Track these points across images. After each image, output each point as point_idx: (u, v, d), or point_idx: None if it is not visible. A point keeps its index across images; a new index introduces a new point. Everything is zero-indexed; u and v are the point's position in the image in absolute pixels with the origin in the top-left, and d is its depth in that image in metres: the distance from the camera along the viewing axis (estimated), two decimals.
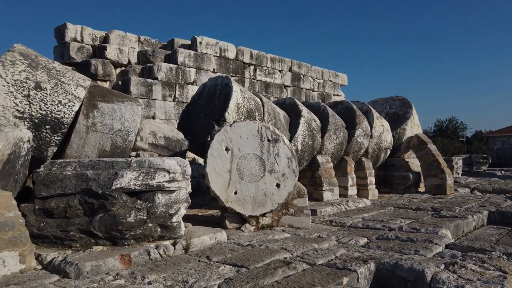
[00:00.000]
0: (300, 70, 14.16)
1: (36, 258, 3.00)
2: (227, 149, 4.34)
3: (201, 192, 6.76)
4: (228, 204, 4.28)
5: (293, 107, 6.56)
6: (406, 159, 8.42)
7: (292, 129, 6.23)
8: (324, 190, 6.40)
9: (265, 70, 12.82)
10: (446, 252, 3.52)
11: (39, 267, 2.94)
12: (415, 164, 8.36)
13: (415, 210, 5.87)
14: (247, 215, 4.34)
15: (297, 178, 4.52)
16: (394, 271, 2.99)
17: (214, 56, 11.23)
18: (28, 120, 3.57)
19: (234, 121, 4.56)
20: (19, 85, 3.56)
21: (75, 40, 9.88)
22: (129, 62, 10.35)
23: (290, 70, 13.79)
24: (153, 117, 9.51)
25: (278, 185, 4.41)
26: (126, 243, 3.26)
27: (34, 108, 3.61)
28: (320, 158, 6.58)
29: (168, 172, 3.47)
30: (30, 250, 2.93)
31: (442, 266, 3.00)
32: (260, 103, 5.89)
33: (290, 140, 5.99)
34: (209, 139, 4.56)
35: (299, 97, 13.76)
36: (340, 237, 4.10)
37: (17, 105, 3.52)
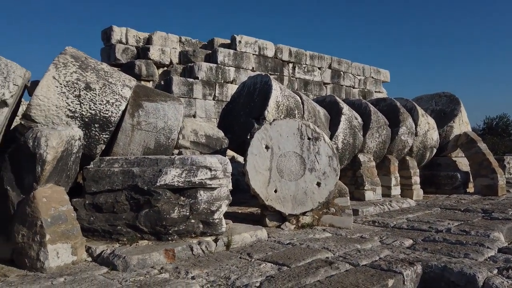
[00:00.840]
0: (340, 67, 13.90)
1: (87, 251, 3.15)
2: (267, 147, 4.34)
3: (240, 190, 6.82)
4: (268, 202, 4.29)
5: (333, 105, 6.45)
6: (454, 158, 8.03)
7: (333, 127, 6.13)
8: (366, 190, 6.25)
9: (304, 67, 12.71)
10: (499, 256, 3.32)
11: (89, 259, 3.08)
12: (463, 163, 7.96)
13: (464, 212, 5.58)
14: (287, 214, 4.32)
15: (338, 177, 4.44)
16: (442, 275, 2.86)
17: (253, 54, 11.28)
18: (79, 119, 3.75)
19: (274, 119, 4.55)
20: (71, 86, 3.74)
21: (120, 42, 10.28)
22: (171, 62, 10.63)
23: (329, 67, 13.58)
24: (194, 116, 9.72)
25: (318, 184, 4.35)
26: (170, 238, 3.35)
27: (84, 107, 3.78)
28: (361, 157, 6.42)
29: (210, 169, 3.53)
30: (81, 243, 3.08)
31: (495, 271, 2.83)
32: (300, 101, 5.84)
33: (331, 138, 5.89)
34: (249, 137, 4.58)
35: (339, 94, 13.52)
36: (384, 238, 3.98)
37: (69, 105, 3.71)
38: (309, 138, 4.40)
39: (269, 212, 4.37)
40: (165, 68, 10.59)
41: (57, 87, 3.68)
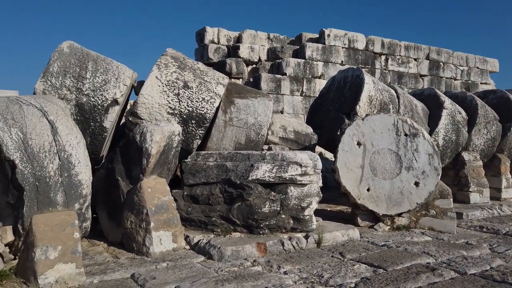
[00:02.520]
0: (440, 57, 12.78)
1: (185, 239, 3.36)
2: (359, 144, 4.17)
3: (328, 187, 6.65)
4: (360, 201, 4.12)
5: (433, 98, 5.94)
6: None
7: (432, 122, 5.65)
8: (471, 192, 5.65)
9: (398, 59, 11.95)
10: None
11: (187, 247, 3.28)
12: None
13: None
14: (381, 214, 4.10)
15: (439, 177, 4.08)
16: None
17: (342, 48, 10.95)
18: (178, 115, 4.00)
19: (366, 115, 4.34)
20: (171, 85, 4.01)
21: (212, 42, 10.78)
22: (259, 59, 10.83)
23: (427, 57, 12.57)
24: (281, 112, 9.78)
25: (416, 184, 4.05)
26: (261, 232, 3.41)
27: (183, 105, 4.02)
28: (466, 155, 5.82)
29: (300, 165, 3.50)
30: (180, 231, 3.29)
31: None
32: (395, 94, 5.49)
33: (430, 135, 5.44)
34: (339, 133, 4.44)
35: (438, 87, 12.44)
36: (494, 245, 3.55)
37: (169, 103, 3.97)
38: (406, 135, 4.12)
39: (361, 211, 4.20)
40: (254, 65, 10.83)
41: (159, 86, 3.97)
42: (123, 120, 4.92)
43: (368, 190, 4.11)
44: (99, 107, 3.66)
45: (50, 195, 2.63)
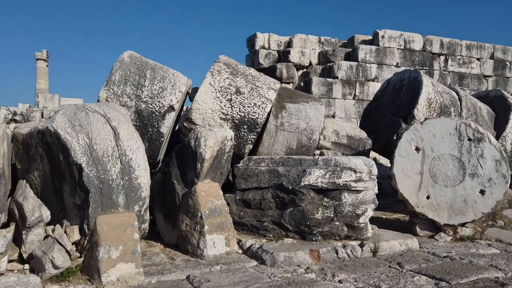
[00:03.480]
0: (506, 56, 11.87)
1: (237, 243, 3.39)
2: (417, 149, 3.97)
3: (382, 193, 6.42)
4: (418, 209, 3.91)
5: (499, 100, 5.52)
6: None
7: (499, 126, 5.25)
8: None
9: (459, 59, 11.27)
10: None
11: (240, 251, 3.30)
12: None
13: None
14: (442, 223, 3.87)
15: (508, 185, 3.77)
16: None
17: (397, 49, 10.55)
18: (230, 121, 4.07)
19: (425, 118, 4.13)
20: (224, 91, 4.09)
21: (263, 47, 10.87)
22: (310, 63, 10.74)
23: (491, 57, 11.74)
24: (333, 116, 9.60)
25: (482, 192, 3.77)
26: (313, 239, 3.35)
27: (235, 110, 4.08)
28: None
29: (355, 171, 3.40)
30: (233, 235, 3.33)
31: None
32: (456, 97, 5.18)
33: (497, 139, 5.06)
34: (395, 137, 4.27)
35: (504, 88, 11.56)
36: None
37: (222, 108, 4.05)
38: (469, 139, 3.86)
39: (420, 220, 3.98)
40: (304, 70, 10.76)
41: (213, 92, 4.06)
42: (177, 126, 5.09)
43: (427, 197, 3.90)
44: (156, 113, 3.82)
45: (112, 197, 2.78)
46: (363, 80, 10.10)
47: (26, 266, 2.74)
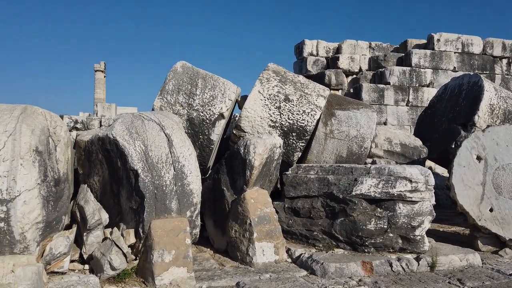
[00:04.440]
0: None
1: (286, 252, 3.35)
2: (478, 158, 3.72)
3: (439, 204, 6.05)
4: (480, 222, 3.65)
5: None
6: None
7: None
8: None
9: None
10: None
11: (289, 260, 3.26)
12: None
13: None
14: (507, 238, 3.58)
15: None
16: None
17: (454, 53, 10.02)
18: (278, 128, 4.06)
19: (487, 126, 3.88)
20: (272, 99, 4.10)
21: (311, 54, 10.80)
22: (360, 69, 10.51)
23: None
24: (385, 123, 9.28)
25: None
26: (366, 250, 3.24)
27: (284, 117, 4.07)
28: None
29: (410, 181, 3.25)
30: (282, 244, 3.30)
31: None
32: None
33: None
34: (454, 146, 4.05)
35: None
36: None
37: (271, 116, 4.06)
38: None
39: (482, 234, 3.71)
40: (354, 76, 10.53)
41: (261, 100, 4.08)
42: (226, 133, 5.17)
43: (491, 210, 3.63)
44: (207, 121, 3.90)
45: (166, 202, 2.87)
46: (417, 85, 9.70)
47: (86, 266, 2.89)
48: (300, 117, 4.08)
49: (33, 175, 2.48)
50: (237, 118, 4.17)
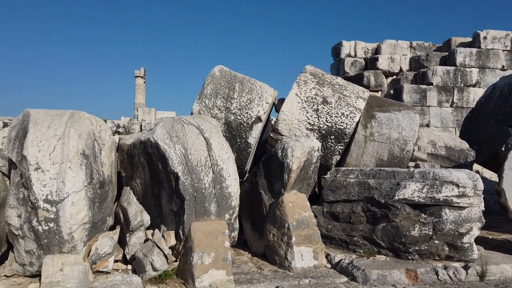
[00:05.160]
0: None
1: (326, 257, 3.28)
2: None
3: (488, 211, 5.74)
4: None
5: None
6: None
7: None
8: None
9: None
10: None
11: (328, 265, 3.20)
12: None
13: None
14: None
15: None
16: None
17: (503, 50, 9.48)
18: (316, 131, 4.01)
19: None
20: (310, 101, 4.05)
21: (349, 55, 10.61)
22: (400, 70, 10.19)
23: None
24: (427, 125, 8.93)
25: None
26: (409, 257, 3.11)
27: (322, 120, 4.01)
28: None
29: (457, 185, 3.09)
30: (321, 249, 3.24)
31: None
32: None
33: None
34: (504, 149, 3.82)
35: None
36: None
37: (308, 119, 4.01)
38: None
39: None
40: (394, 77, 10.23)
41: (299, 102, 4.05)
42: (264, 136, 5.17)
43: None
44: (244, 124, 3.92)
45: (205, 205, 2.90)
46: (462, 85, 9.26)
47: (129, 266, 2.98)
48: (338, 120, 4.01)
49: (80, 178, 2.59)
50: (274, 121, 4.16)
